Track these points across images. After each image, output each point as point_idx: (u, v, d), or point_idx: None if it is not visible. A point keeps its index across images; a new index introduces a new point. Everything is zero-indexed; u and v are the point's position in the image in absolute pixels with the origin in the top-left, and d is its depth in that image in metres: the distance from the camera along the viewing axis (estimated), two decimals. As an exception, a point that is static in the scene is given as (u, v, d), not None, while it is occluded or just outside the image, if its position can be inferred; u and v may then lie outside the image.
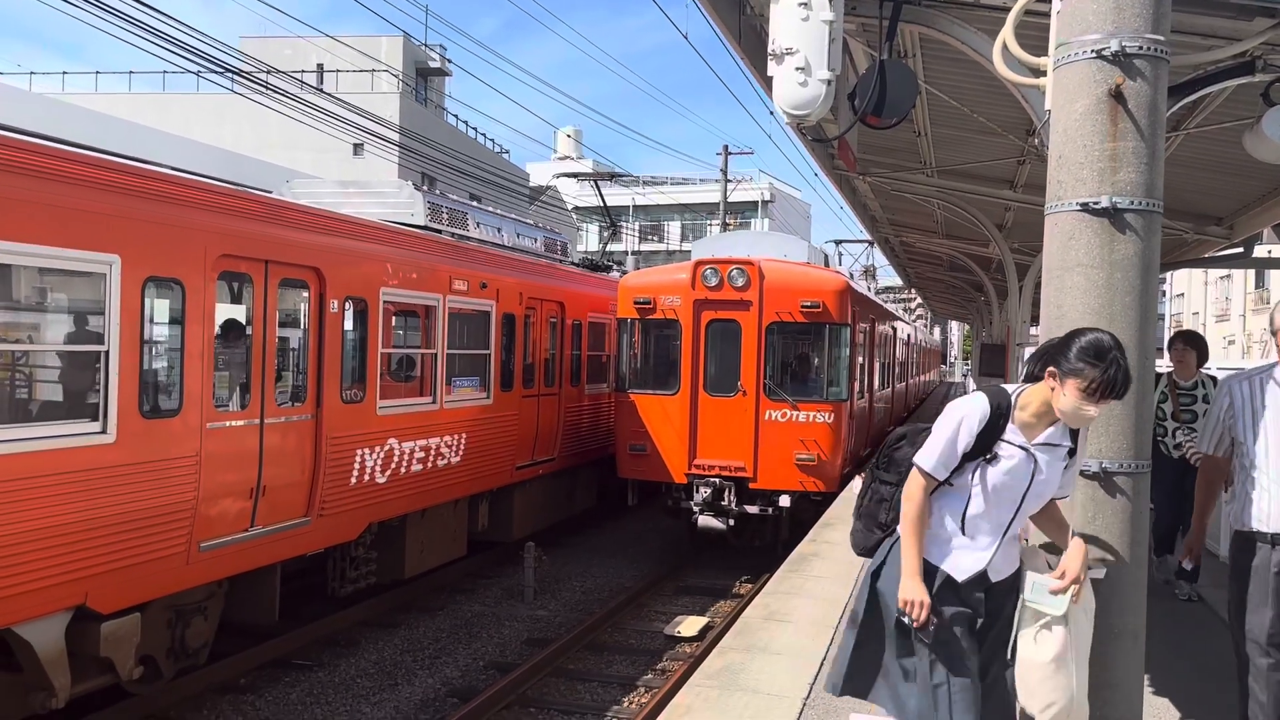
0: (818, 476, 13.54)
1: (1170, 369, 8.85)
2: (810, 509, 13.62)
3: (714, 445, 13.75)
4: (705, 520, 13.70)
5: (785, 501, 13.59)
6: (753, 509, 13.67)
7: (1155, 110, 4.14)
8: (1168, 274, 47.81)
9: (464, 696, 9.27)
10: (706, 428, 13.81)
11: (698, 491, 13.59)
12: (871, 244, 27.33)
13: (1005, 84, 5.08)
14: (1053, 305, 4.30)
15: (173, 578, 7.82)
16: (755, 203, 66.73)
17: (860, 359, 15.84)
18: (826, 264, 16.82)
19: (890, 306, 27.97)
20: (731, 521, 13.69)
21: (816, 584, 8.93)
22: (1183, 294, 59.39)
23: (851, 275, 21.59)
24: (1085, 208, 4.17)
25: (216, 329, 8.27)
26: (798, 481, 13.50)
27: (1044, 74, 4.61)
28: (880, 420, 21.12)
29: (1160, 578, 8.87)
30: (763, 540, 14.09)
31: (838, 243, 33.33)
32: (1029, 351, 5.74)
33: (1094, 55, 4.14)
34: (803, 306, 13.51)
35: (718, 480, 13.55)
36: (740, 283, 13.65)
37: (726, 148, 38.72)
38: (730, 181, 41.18)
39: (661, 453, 13.94)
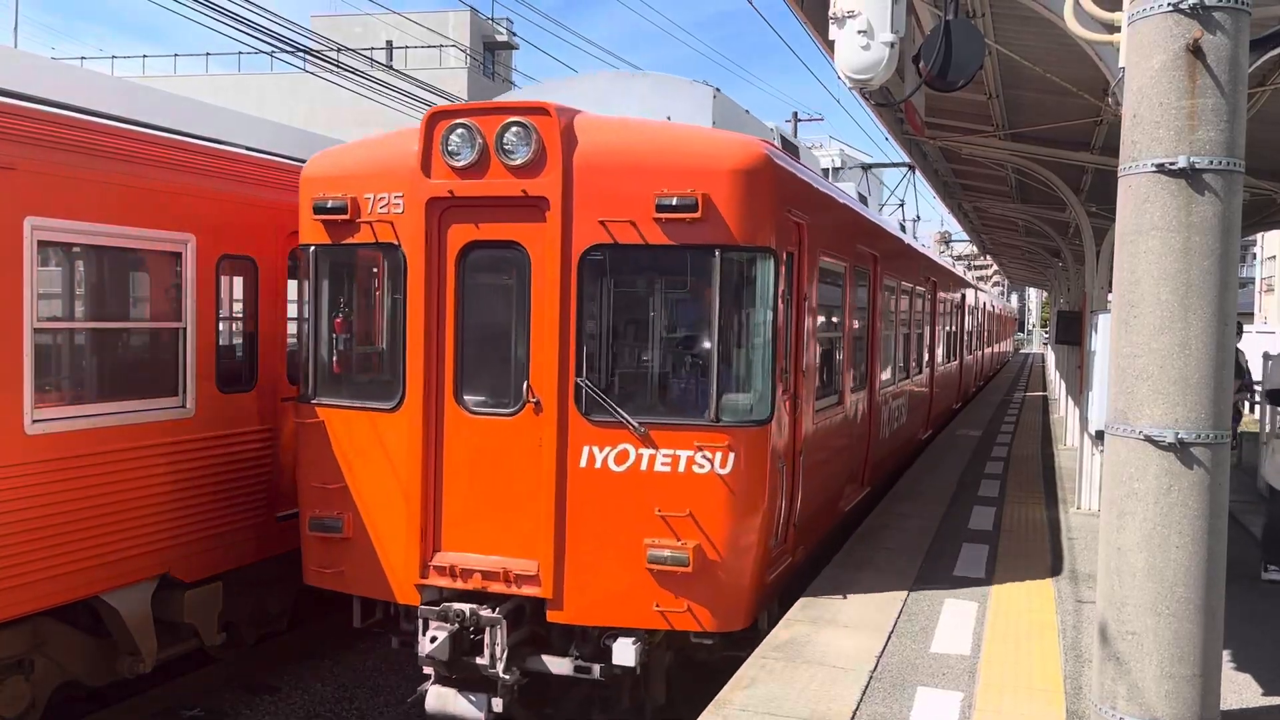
0: (698, 598, 6.61)
1: None
2: (711, 647, 7.04)
3: (473, 524, 6.98)
4: (436, 699, 6.95)
5: (626, 654, 6.62)
6: (556, 664, 6.91)
7: (1236, 65, 3.97)
8: (1257, 235, 46.08)
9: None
10: (459, 485, 7.02)
11: (425, 632, 6.77)
12: (912, 168, 19.48)
13: (1078, 41, 4.90)
14: (1126, 270, 4.17)
15: (252, 548, 8.06)
16: (825, 170, 65.77)
17: (826, 325, 8.84)
18: (796, 154, 8.81)
19: (929, 250, 19.71)
20: (498, 704, 6.80)
21: (885, 557, 8.84)
22: (1274, 256, 57.13)
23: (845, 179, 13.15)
24: (1161, 168, 4.02)
25: (288, 305, 8.45)
26: (652, 608, 6.63)
27: (1118, 30, 4.44)
28: (903, 430, 13.34)
29: None
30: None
31: (866, 167, 24.19)
32: (1102, 318, 5.57)
33: (1170, 8, 3.97)
34: (659, 206, 6.52)
35: (466, 611, 6.72)
36: (522, 156, 6.73)
37: (796, 115, 38.21)
38: (799, 149, 40.60)
39: (372, 535, 7.14)
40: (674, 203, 6.48)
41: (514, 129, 6.73)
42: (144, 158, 7.06)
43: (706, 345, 6.81)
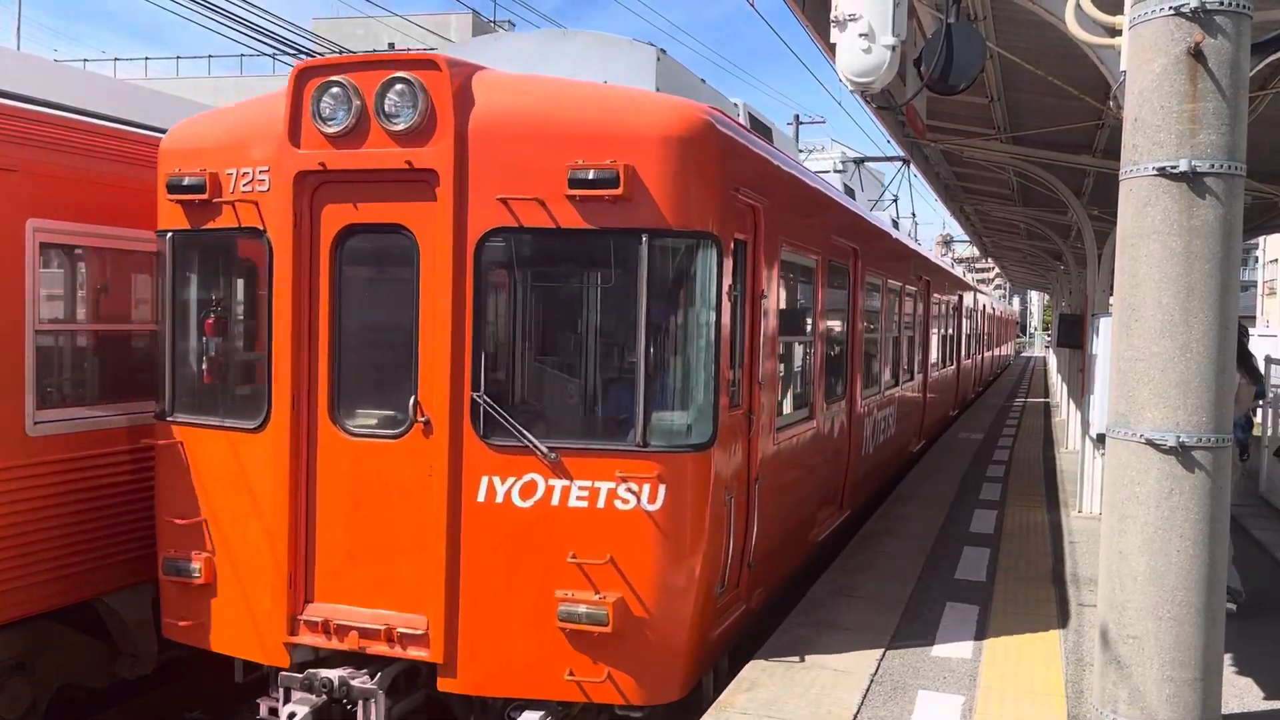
0: (621, 663, 5.52)
1: None
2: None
3: (352, 570, 5.90)
4: None
5: None
6: None
7: (1237, 68, 3.97)
8: (1260, 239, 46.08)
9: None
10: (335, 522, 5.93)
11: (285, 704, 5.83)
12: (907, 162, 18.49)
13: (1079, 44, 4.91)
14: (1127, 274, 4.17)
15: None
16: (826, 172, 65.80)
17: (792, 328, 7.76)
18: (768, 136, 8.04)
19: (922, 247, 18.32)
20: None
21: (886, 560, 8.84)
22: (1276, 259, 57.15)
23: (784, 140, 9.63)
24: (1162, 172, 4.02)
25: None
26: (564, 676, 5.53)
27: (1119, 33, 4.44)
28: (891, 442, 12.43)
29: None
30: None
31: (859, 161, 23.12)
32: (1103, 321, 5.56)
33: (1172, 12, 3.97)
34: (573, 181, 5.46)
35: (334, 680, 5.66)
36: (407, 120, 5.64)
37: (798, 117, 38.26)
38: (801, 151, 40.70)
39: (234, 582, 6.12)
40: (590, 177, 5.37)
41: (397, 87, 5.59)
42: (145, 160, 7.06)
43: (633, 352, 5.55)
